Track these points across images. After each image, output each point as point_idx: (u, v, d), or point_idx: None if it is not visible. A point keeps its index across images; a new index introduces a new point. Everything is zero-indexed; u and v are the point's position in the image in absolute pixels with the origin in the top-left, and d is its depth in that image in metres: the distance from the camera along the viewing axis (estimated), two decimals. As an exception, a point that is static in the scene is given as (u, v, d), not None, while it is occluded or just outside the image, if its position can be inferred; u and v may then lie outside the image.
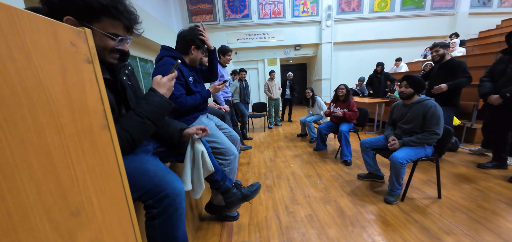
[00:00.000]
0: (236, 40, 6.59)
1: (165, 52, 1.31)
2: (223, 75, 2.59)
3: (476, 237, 1.33)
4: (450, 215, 1.55)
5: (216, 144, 1.35)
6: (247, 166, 2.77)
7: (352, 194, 1.92)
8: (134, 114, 0.69)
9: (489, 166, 2.20)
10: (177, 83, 1.26)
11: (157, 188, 0.69)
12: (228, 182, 1.25)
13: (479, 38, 5.96)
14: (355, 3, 6.67)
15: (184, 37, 1.33)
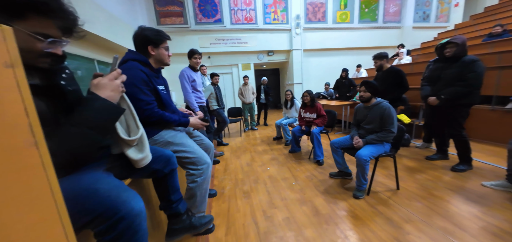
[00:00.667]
0: (208, 44, 6.45)
1: (132, 55, 1.18)
2: (194, 80, 2.48)
3: (430, 222, 1.51)
4: (407, 204, 1.75)
5: (187, 154, 1.26)
6: (223, 173, 2.68)
7: (325, 193, 2.02)
8: (69, 126, 0.57)
9: (435, 158, 2.57)
10: (144, 87, 1.13)
11: (110, 210, 0.59)
12: (182, 206, 1.15)
13: (421, 48, 7.02)
14: (320, 14, 7.22)
15: (136, 38, 1.19)
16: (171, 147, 1.21)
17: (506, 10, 6.06)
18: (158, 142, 1.22)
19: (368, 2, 7.51)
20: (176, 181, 1.10)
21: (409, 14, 7.71)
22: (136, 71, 1.09)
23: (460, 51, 2.06)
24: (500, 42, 3.94)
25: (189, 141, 1.32)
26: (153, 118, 1.18)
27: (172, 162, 1.07)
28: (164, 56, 1.26)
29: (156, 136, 1.22)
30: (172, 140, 1.24)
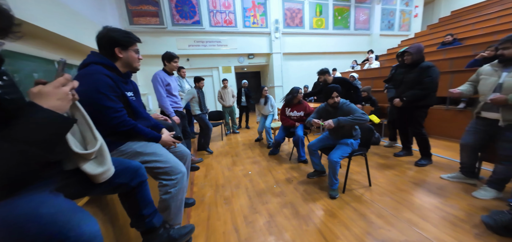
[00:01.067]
0: (187, 46, 6.25)
1: (95, 58, 1.05)
2: (169, 83, 2.36)
3: (398, 216, 1.63)
4: (379, 199, 1.87)
5: (159, 164, 1.18)
6: (203, 179, 2.59)
7: (304, 193, 2.06)
8: (2, 142, 0.48)
9: (401, 154, 2.81)
10: (110, 93, 1.02)
11: (56, 238, 0.51)
12: (156, 220, 1.07)
13: (387, 53, 7.69)
14: (298, 19, 7.49)
15: (100, 39, 1.08)
16: (140, 158, 1.12)
17: (456, 21, 6.96)
18: (125, 153, 1.12)
19: (340, 10, 8.01)
20: (147, 193, 1.02)
21: (377, 23, 8.41)
22: (100, 75, 0.99)
23: (417, 58, 2.29)
24: (451, 50, 4.50)
25: (162, 150, 1.24)
26: (124, 128, 1.08)
27: (140, 174, 0.99)
28: (133, 59, 1.16)
29: (122, 147, 1.12)
30: (142, 150, 1.15)
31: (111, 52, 1.09)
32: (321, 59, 8.09)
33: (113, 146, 1.08)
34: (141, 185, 0.99)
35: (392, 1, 8.58)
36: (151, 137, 1.22)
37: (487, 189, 1.73)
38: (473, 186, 1.93)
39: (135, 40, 1.16)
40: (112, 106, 1.02)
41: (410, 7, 8.91)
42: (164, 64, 2.38)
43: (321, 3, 7.69)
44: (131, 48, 1.14)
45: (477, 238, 1.34)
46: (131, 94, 1.18)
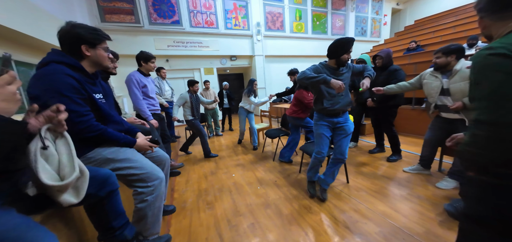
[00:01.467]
0: (166, 46, 6.00)
1: (56, 56, 0.95)
2: (146, 85, 2.24)
3: (373, 208, 1.74)
4: (356, 195, 1.98)
5: (133, 170, 1.10)
6: (185, 184, 2.49)
7: (287, 193, 2.10)
8: None
9: (375, 151, 3.01)
10: (74, 95, 0.93)
11: None
12: (128, 232, 1.01)
13: (362, 58, 8.25)
14: (279, 23, 7.67)
15: (63, 36, 0.98)
16: (111, 165, 1.04)
17: (419, 29, 7.74)
18: (94, 161, 1.03)
19: (318, 16, 8.39)
20: (117, 203, 0.95)
21: (351, 29, 8.98)
22: (61, 76, 0.89)
23: (386, 62, 2.50)
24: (415, 55, 4.99)
25: (137, 155, 1.16)
26: (91, 133, 0.99)
27: (111, 183, 0.91)
28: (103, 58, 1.07)
29: (90, 154, 1.03)
30: (112, 156, 1.06)
31: (77, 50, 1.00)
32: (301, 62, 8.36)
33: (78, 153, 0.99)
34: (111, 195, 0.91)
35: (364, 9, 9.24)
36: (124, 142, 1.13)
37: (448, 180, 1.94)
38: (430, 176, 2.16)
39: (104, 38, 1.08)
40: (76, 109, 0.93)
41: (380, 16, 9.68)
42: (140, 64, 2.25)
43: (301, 8, 7.97)
44: (100, 46, 1.06)
45: (441, 225, 1.48)
46: (100, 96, 1.09)
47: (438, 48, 1.82)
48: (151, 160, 1.28)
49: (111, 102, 1.22)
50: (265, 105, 7.58)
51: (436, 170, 2.29)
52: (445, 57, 1.75)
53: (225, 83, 5.27)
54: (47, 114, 0.70)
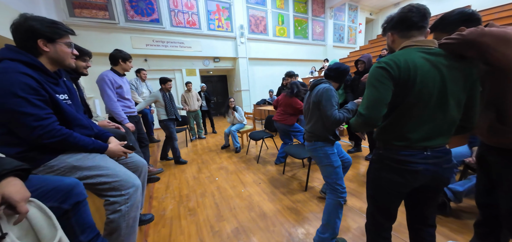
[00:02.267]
0: (144, 45, 5.69)
1: (10, 53, 0.84)
2: (121, 86, 2.09)
3: (352, 205, 1.83)
4: (336, 193, 2.06)
5: (104, 178, 1.01)
6: (164, 191, 2.36)
7: (271, 195, 2.11)
8: None
9: (353, 151, 3.19)
10: (31, 96, 0.82)
11: None
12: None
13: (340, 63, 8.70)
14: (262, 26, 7.77)
15: (17, 30, 0.87)
16: (78, 174, 0.94)
17: (389, 39, 8.41)
18: (57, 169, 0.92)
19: (300, 22, 8.69)
20: (86, 215, 0.86)
21: (330, 35, 9.45)
22: (16, 75, 0.79)
23: (368, 66, 2.67)
24: (387, 62, 5.39)
25: (108, 162, 1.07)
26: (53, 139, 0.88)
27: (77, 193, 0.82)
28: (64, 54, 0.96)
29: (52, 161, 0.92)
30: (80, 164, 0.97)
31: (33, 46, 0.89)
32: (284, 65, 8.57)
33: (38, 162, 0.88)
34: (78, 207, 0.82)
35: (341, 18, 9.80)
36: (93, 147, 1.04)
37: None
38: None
39: (64, 31, 0.97)
40: (34, 112, 0.83)
41: (355, 24, 10.36)
42: (116, 63, 2.09)
43: (283, 13, 8.18)
44: (61, 40, 0.95)
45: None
46: (65, 97, 0.99)
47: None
48: (126, 167, 1.19)
49: (78, 103, 1.11)
50: (249, 108, 7.58)
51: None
52: None
53: (202, 85, 5.19)
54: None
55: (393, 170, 0.84)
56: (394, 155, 0.83)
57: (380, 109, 0.79)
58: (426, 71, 0.73)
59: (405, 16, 0.80)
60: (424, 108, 0.76)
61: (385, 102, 0.78)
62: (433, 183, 0.85)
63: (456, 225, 1.50)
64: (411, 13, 0.79)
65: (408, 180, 0.82)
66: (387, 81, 0.77)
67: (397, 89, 0.77)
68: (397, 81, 0.76)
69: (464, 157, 1.67)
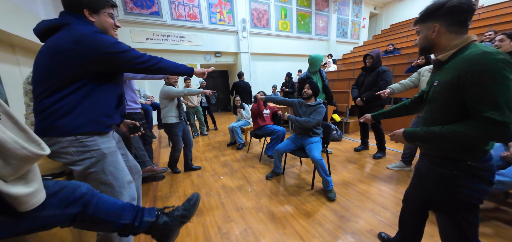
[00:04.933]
0: (144, 39, 5.57)
1: (77, 19, 0.89)
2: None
3: (363, 206, 1.78)
4: (345, 193, 2.00)
5: (107, 187, 0.93)
6: (169, 189, 2.31)
7: (278, 195, 2.05)
8: None
9: (360, 148, 3.12)
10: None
11: None
12: (148, 216, 0.82)
13: (343, 58, 8.57)
14: (264, 20, 7.61)
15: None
16: (95, 178, 0.89)
17: (394, 33, 8.27)
18: (88, 151, 0.88)
19: (303, 16, 8.52)
20: (108, 203, 0.75)
21: (333, 30, 9.28)
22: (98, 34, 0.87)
23: (375, 62, 2.57)
24: (392, 57, 5.30)
25: (124, 169, 1.01)
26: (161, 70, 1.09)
27: (87, 200, 0.71)
28: (108, 25, 0.97)
29: (88, 140, 0.88)
30: (110, 167, 0.93)
31: (81, 15, 0.90)
32: (287, 61, 8.44)
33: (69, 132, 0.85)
34: (91, 204, 0.71)
35: (345, 12, 9.61)
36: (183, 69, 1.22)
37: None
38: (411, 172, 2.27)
39: (106, 2, 0.95)
40: (116, 43, 0.90)
41: (359, 19, 10.17)
42: None
43: (286, 6, 8.00)
44: (103, 11, 0.94)
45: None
46: None
47: None
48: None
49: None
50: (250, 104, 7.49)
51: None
52: None
53: (202, 81, 5.08)
54: None
55: (483, 180, 0.76)
56: (484, 163, 0.75)
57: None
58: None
59: (465, 8, 0.72)
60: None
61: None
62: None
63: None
64: (469, 5, 0.72)
65: (492, 184, 0.78)
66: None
67: None
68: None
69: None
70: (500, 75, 0.64)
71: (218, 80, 8.57)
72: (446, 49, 0.78)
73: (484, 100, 0.66)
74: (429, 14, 0.79)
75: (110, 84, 0.96)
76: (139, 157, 1.80)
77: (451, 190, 0.80)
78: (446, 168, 0.80)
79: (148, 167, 1.88)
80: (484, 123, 0.66)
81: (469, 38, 0.74)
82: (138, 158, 1.83)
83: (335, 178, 2.30)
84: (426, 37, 0.82)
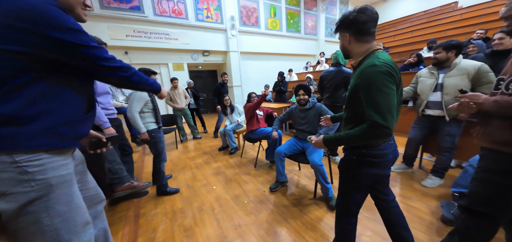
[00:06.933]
0: (124, 36, 5.10)
1: None
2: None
3: (373, 216, 1.64)
4: (351, 200, 1.86)
5: (48, 234, 0.63)
6: (154, 206, 2.02)
7: (279, 206, 1.86)
8: None
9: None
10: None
11: None
12: None
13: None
14: (254, 18, 7.41)
15: None
16: (33, 221, 0.60)
17: (381, 33, 8.46)
18: (17, 194, 0.58)
19: (292, 14, 8.44)
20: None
21: (322, 29, 9.32)
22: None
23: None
24: (382, 56, 5.34)
25: (80, 207, 0.72)
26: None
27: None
28: (75, 2, 0.72)
29: (31, 164, 0.60)
30: (58, 205, 0.64)
31: None
32: (277, 60, 8.31)
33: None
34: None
35: (333, 12, 9.71)
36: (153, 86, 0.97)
37: (432, 177, 1.98)
38: (413, 174, 2.24)
39: None
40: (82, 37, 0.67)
41: (347, 18, 10.33)
42: None
43: (275, 5, 7.86)
44: None
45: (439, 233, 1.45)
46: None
47: (438, 43, 1.82)
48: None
49: None
50: (241, 105, 7.25)
51: (416, 167, 2.38)
52: (445, 52, 1.75)
53: (189, 81, 4.78)
54: None
55: (374, 165, 0.93)
56: (376, 151, 0.91)
57: (394, 114, 0.80)
58: (398, 71, 0.84)
59: (363, 19, 0.85)
60: (399, 104, 0.89)
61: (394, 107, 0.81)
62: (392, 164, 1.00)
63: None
64: (370, 17, 0.85)
65: (384, 169, 0.97)
66: (393, 86, 0.79)
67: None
68: (397, 84, 0.83)
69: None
70: (382, 85, 0.77)
71: (207, 80, 8.21)
72: (357, 56, 0.91)
73: (371, 106, 0.79)
74: (340, 25, 0.93)
75: (75, 77, 0.70)
76: (114, 172, 1.50)
77: (347, 169, 1.02)
78: (349, 154, 1.00)
79: (126, 184, 1.58)
80: (371, 126, 0.80)
81: (372, 47, 0.87)
82: (114, 174, 1.53)
83: (337, 182, 2.16)
84: (343, 45, 0.95)
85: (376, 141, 0.86)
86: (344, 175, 1.05)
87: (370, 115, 0.79)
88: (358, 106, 0.87)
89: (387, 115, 0.77)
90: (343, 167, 1.04)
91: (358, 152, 0.94)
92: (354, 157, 0.96)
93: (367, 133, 0.82)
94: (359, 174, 0.96)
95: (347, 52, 0.96)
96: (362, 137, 0.84)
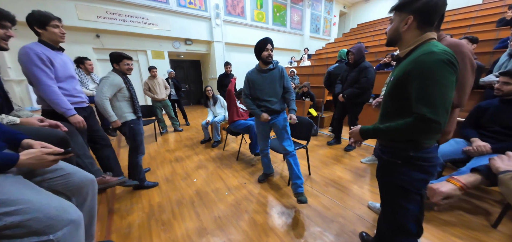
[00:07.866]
0: (95, 17, 4.64)
1: None
2: (53, 63, 1.44)
3: (344, 204, 1.75)
4: (325, 191, 1.97)
5: (16, 218, 0.63)
6: (129, 202, 1.93)
7: (260, 197, 1.91)
8: None
9: (332, 142, 3.18)
10: None
11: None
12: None
13: (316, 54, 8.82)
14: (239, 9, 7.22)
15: None
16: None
17: (362, 32, 8.82)
18: None
19: (279, 7, 8.38)
20: None
21: (307, 25, 9.43)
22: None
23: (358, 58, 2.55)
24: (361, 55, 5.60)
25: (22, 188, 0.68)
26: None
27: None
28: None
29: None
30: None
31: None
32: (262, 53, 8.24)
33: None
34: None
35: (318, 8, 9.84)
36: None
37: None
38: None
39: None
40: None
41: (331, 16, 10.57)
42: (37, 31, 1.42)
43: (261, -4, 7.73)
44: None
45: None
46: None
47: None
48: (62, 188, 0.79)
49: None
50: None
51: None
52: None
53: (170, 71, 4.57)
54: None
55: (423, 170, 0.80)
56: (425, 154, 0.79)
57: (449, 111, 0.70)
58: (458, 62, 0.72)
59: (440, 4, 0.73)
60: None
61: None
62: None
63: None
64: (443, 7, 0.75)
65: (431, 175, 0.82)
66: (453, 77, 0.68)
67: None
68: (457, 77, 0.71)
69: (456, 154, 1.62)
70: (440, 75, 0.67)
71: (189, 71, 7.89)
72: (407, 45, 0.80)
73: (422, 98, 0.69)
74: (407, 3, 0.78)
75: None
76: (84, 167, 1.39)
77: (391, 176, 0.87)
78: (391, 156, 0.86)
79: (97, 178, 1.49)
80: (419, 120, 0.70)
81: (426, 36, 0.76)
82: (83, 169, 1.42)
83: (314, 175, 2.26)
84: (397, 29, 0.82)
85: (423, 137, 0.76)
86: (388, 183, 0.90)
87: (419, 107, 0.69)
88: (404, 99, 0.77)
89: (440, 110, 0.67)
90: (384, 173, 0.91)
91: (404, 155, 0.81)
92: (399, 161, 0.83)
93: (411, 128, 0.72)
94: (407, 180, 0.82)
95: (396, 39, 0.83)
96: (406, 131, 0.74)
